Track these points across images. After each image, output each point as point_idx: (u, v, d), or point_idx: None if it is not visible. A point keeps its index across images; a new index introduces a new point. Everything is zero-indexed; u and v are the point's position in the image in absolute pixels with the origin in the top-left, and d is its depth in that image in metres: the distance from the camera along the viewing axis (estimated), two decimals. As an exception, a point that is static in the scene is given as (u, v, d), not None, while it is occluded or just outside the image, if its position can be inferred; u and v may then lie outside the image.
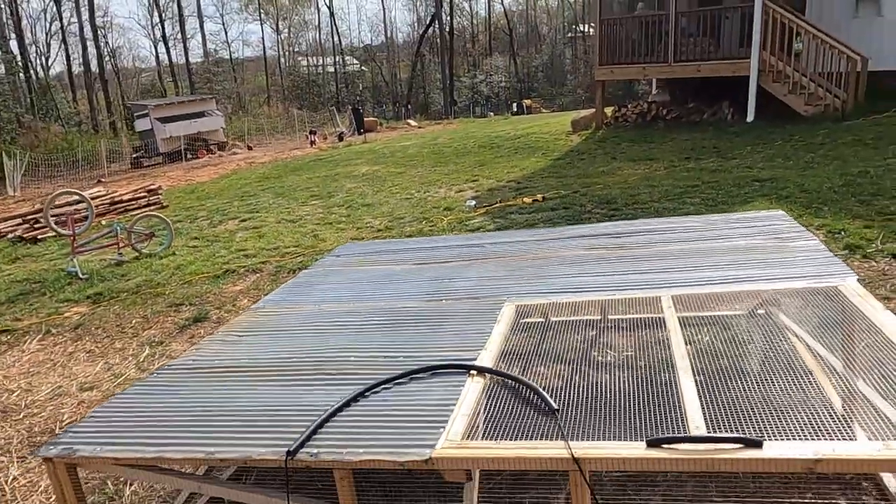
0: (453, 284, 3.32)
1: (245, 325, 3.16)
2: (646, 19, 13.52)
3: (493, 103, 46.79)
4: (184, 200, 13.24)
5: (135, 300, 6.40)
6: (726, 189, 7.52)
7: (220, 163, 21.91)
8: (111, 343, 5.38)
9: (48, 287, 7.19)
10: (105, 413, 2.44)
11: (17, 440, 3.85)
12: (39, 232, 10.37)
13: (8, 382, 4.81)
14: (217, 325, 5.32)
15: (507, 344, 2.66)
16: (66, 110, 41.94)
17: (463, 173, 11.70)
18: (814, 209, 6.25)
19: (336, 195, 11.16)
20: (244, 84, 53.96)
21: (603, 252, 3.59)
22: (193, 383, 2.54)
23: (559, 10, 57.80)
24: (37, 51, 46.21)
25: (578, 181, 9.35)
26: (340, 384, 2.35)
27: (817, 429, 1.78)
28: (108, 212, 11.86)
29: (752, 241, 3.38)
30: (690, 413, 1.95)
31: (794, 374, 2.29)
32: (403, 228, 8.04)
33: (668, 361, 2.44)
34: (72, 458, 2.13)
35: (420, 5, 58.39)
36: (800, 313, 2.75)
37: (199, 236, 9.12)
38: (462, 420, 2.00)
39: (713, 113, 12.98)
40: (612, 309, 3.23)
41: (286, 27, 57.80)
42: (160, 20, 50.26)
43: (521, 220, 7.52)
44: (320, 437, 2.00)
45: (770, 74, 11.69)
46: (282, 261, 7.14)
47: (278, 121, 35.56)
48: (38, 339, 5.70)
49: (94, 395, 4.37)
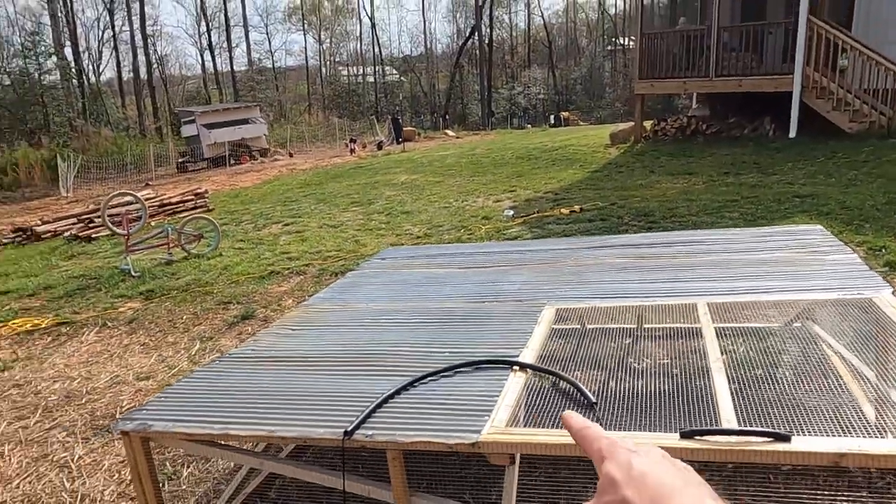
0: (495, 287, 3.47)
1: (297, 320, 3.35)
2: (687, 33, 13.53)
3: (531, 115, 46.89)
4: (228, 204, 13.66)
5: (185, 297, 6.69)
6: (766, 204, 7.52)
7: (262, 169, 22.46)
8: (164, 337, 5.66)
9: (103, 283, 7.55)
10: (173, 394, 2.65)
11: (81, 423, 4.11)
12: (93, 231, 10.84)
13: (69, 370, 5.10)
14: (264, 323, 5.56)
15: (545, 349, 2.79)
16: (116, 115, 43.41)
17: (500, 183, 11.85)
18: (854, 226, 6.23)
19: (376, 202, 11.41)
20: (286, 92, 55.09)
21: (640, 261, 3.70)
22: (253, 370, 2.74)
23: (599, 24, 57.72)
24: (89, 57, 47.95)
25: (616, 194, 9.42)
26: (390, 375, 2.52)
27: (846, 427, 1.88)
28: (157, 213, 12.32)
29: (788, 253, 3.46)
30: (723, 411, 2.06)
31: (826, 380, 2.38)
32: (442, 236, 8.22)
33: (704, 369, 2.54)
34: (147, 432, 2.34)
35: (460, 17, 58.95)
36: (833, 323, 2.83)
37: (245, 239, 9.44)
38: (506, 410, 2.15)
39: (754, 128, 12.90)
40: (648, 314, 3.34)
41: (328, 37, 58.92)
42: (207, 29, 51.75)
43: (558, 230, 7.63)
44: (374, 420, 2.17)
45: (814, 90, 11.60)
46: (324, 264, 7.37)
47: (319, 129, 36.22)
48: (96, 331, 6.01)
49: (150, 384, 4.62)
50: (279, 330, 3.26)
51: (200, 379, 2.77)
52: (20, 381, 4.94)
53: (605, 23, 57.04)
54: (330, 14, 59.15)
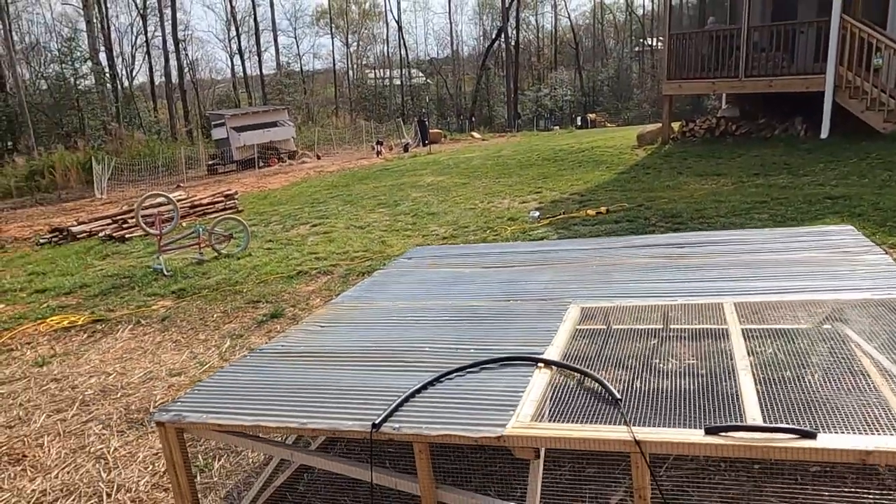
0: (521, 286, 3.50)
1: (327, 318, 3.42)
2: (716, 34, 13.39)
3: (557, 117, 46.72)
4: (257, 206, 13.86)
5: (215, 296, 6.83)
6: (796, 206, 7.42)
7: (290, 171, 22.72)
8: (195, 334, 5.78)
9: (136, 282, 7.73)
10: (206, 388, 2.72)
11: (116, 416, 4.23)
12: (127, 231, 11.09)
13: (104, 366, 5.25)
14: (292, 322, 5.65)
15: (570, 347, 2.81)
16: (148, 119, 44.29)
17: (526, 185, 11.85)
18: (888, 227, 6.13)
19: (402, 204, 11.49)
20: (313, 95, 55.64)
21: (666, 260, 3.69)
22: (283, 364, 2.80)
23: (627, 24, 57.30)
24: (123, 62, 49.06)
25: (643, 195, 9.36)
26: (417, 371, 2.56)
27: (873, 425, 1.87)
28: (188, 214, 12.55)
29: (817, 253, 3.43)
30: (749, 410, 2.06)
31: (855, 380, 2.36)
32: (468, 237, 8.25)
33: (730, 369, 2.54)
34: (181, 423, 2.41)
35: (486, 19, 59.06)
36: (864, 323, 2.80)
37: (273, 239, 9.58)
38: (531, 405, 2.18)
39: (785, 129, 12.71)
40: (673, 314, 3.34)
41: (355, 41, 59.44)
42: (237, 34, 52.56)
43: (584, 231, 7.61)
44: (401, 413, 2.21)
45: (847, 90, 11.41)
46: (351, 264, 7.46)
47: (346, 131, 36.52)
48: (129, 328, 6.16)
49: (182, 379, 4.73)
50: (308, 327, 3.33)
51: (232, 373, 2.84)
52: (58, 376, 5.09)
53: (632, 24, 56.61)
54: (357, 17, 59.67)
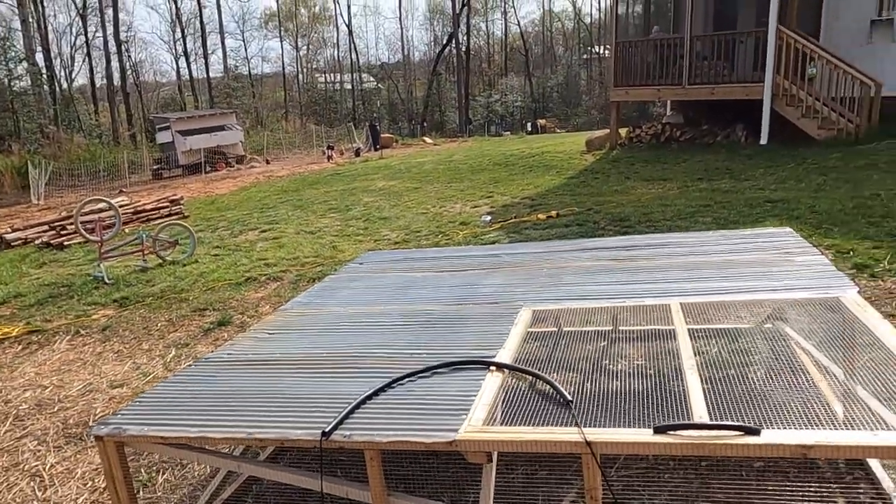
0: (473, 290, 3.50)
1: (275, 324, 3.34)
2: (661, 42, 13.75)
3: (508, 122, 47.16)
4: (204, 211, 13.53)
5: (160, 304, 6.62)
6: (738, 209, 7.66)
7: (238, 176, 22.29)
8: (138, 344, 5.59)
9: (76, 291, 7.43)
10: (149, 399, 2.62)
11: (53, 431, 4.04)
12: (65, 238, 10.67)
13: (40, 379, 5.02)
14: (240, 329, 5.52)
15: (522, 350, 2.82)
16: (88, 122, 42.77)
17: (478, 190, 11.91)
18: (824, 230, 6.38)
19: (353, 209, 11.39)
20: (262, 99, 54.75)
21: (615, 263, 3.75)
22: (231, 373, 2.73)
23: (575, 32, 58.35)
24: (61, 63, 47.30)
25: (592, 199, 9.52)
26: (369, 377, 2.52)
27: (813, 421, 1.93)
28: (131, 220, 12.16)
29: (759, 255, 3.53)
30: (696, 408, 2.10)
31: (795, 377, 2.44)
32: (420, 242, 8.23)
33: (677, 368, 2.58)
34: (121, 436, 2.31)
35: (437, 25, 59.21)
36: (802, 322, 2.90)
37: (221, 245, 9.36)
38: (483, 408, 2.17)
39: (726, 135, 13.13)
40: (622, 316, 3.39)
41: (305, 44, 58.77)
42: (182, 36, 51.27)
43: (535, 235, 7.69)
44: (352, 421, 2.17)
45: (784, 98, 11.86)
46: (302, 270, 7.34)
47: (296, 136, 36.05)
48: (68, 339, 5.92)
49: (125, 391, 4.56)
50: (256, 334, 3.25)
51: (176, 383, 2.75)
52: (-10, 391, 4.85)
53: (580, 32, 57.69)
54: (307, 21, 59.04)
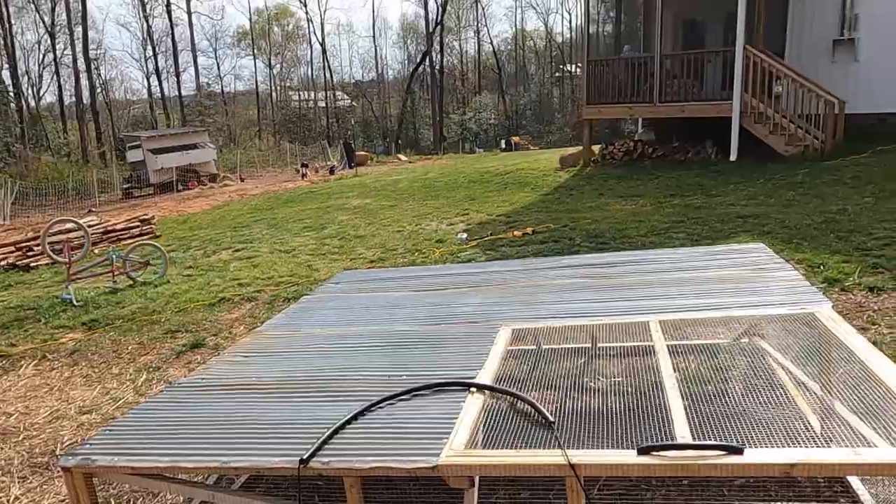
0: (451, 310, 3.47)
1: (250, 347, 3.28)
2: (632, 61, 13.98)
3: (482, 140, 47.48)
4: (176, 231, 13.34)
5: (130, 327, 6.47)
6: (710, 224, 7.77)
7: (211, 194, 22.06)
8: (108, 368, 5.44)
9: (43, 314, 7.24)
10: (119, 427, 2.54)
11: (18, 461, 3.90)
12: (32, 259, 10.42)
13: (5, 406, 4.85)
14: (214, 352, 5.41)
15: (502, 370, 2.79)
16: (57, 140, 42.10)
17: (453, 207, 11.92)
18: (794, 244, 6.49)
19: (328, 227, 11.31)
20: (235, 117, 54.46)
21: (592, 280, 3.75)
22: (204, 399, 2.65)
23: (547, 51, 59.16)
24: (29, 81, 46.60)
25: (567, 216, 9.58)
26: (347, 400, 2.47)
27: (794, 438, 1.93)
28: (101, 241, 11.92)
29: (734, 271, 3.56)
30: (678, 427, 2.09)
31: (774, 393, 2.45)
32: (396, 260, 8.19)
33: (658, 386, 2.58)
34: (90, 467, 2.23)
35: (411, 43, 59.63)
36: (778, 337, 2.92)
37: (194, 265, 9.22)
38: (464, 432, 2.13)
39: (697, 152, 13.35)
40: (601, 333, 3.38)
41: (278, 62, 58.69)
42: (153, 53, 50.95)
43: (511, 252, 7.69)
44: (331, 447, 2.12)
45: (752, 115, 12.11)
46: (276, 290, 7.24)
47: (269, 154, 35.88)
48: (34, 364, 5.75)
49: (94, 417, 4.42)
50: (231, 357, 3.18)
51: (148, 410, 2.66)
52: (-49, 419, 4.67)
53: (552, 50, 58.51)
54: (280, 39, 59.01)
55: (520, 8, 71.50)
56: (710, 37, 14.51)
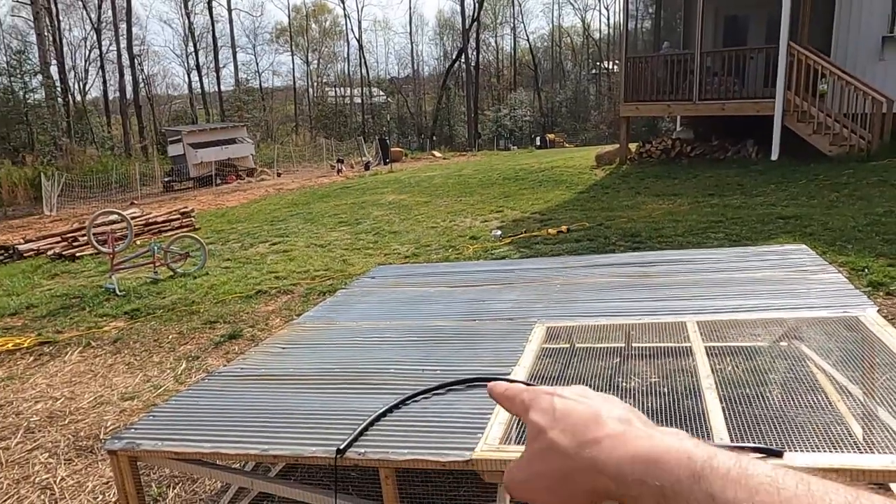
0: (486, 306, 3.48)
1: (288, 339, 3.33)
2: (671, 58, 13.78)
3: (517, 137, 47.27)
4: (215, 224, 13.60)
5: (171, 317, 6.63)
6: (750, 225, 7.62)
7: (248, 188, 22.41)
8: (149, 356, 5.59)
9: (87, 302, 7.46)
10: (161, 413, 2.62)
11: (64, 444, 4.04)
12: (78, 249, 10.73)
13: (52, 390, 5.02)
14: (251, 343, 5.52)
15: (536, 367, 2.79)
16: (101, 134, 43.23)
17: (488, 204, 11.91)
18: (838, 247, 6.33)
19: (363, 222, 11.41)
20: (273, 112, 55.19)
21: (628, 280, 3.73)
22: (243, 388, 2.72)
23: (584, 48, 58.59)
24: (75, 76, 47.90)
25: (603, 214, 9.50)
26: (382, 393, 2.50)
27: (834, 443, 1.89)
28: (142, 232, 12.23)
29: (775, 272, 3.50)
30: (715, 427, 2.07)
31: (814, 397, 2.40)
32: (430, 256, 8.22)
33: (695, 387, 2.55)
34: (135, 451, 2.30)
35: (447, 40, 59.64)
36: (819, 341, 2.86)
37: (232, 258, 9.39)
38: (499, 427, 2.14)
39: (737, 151, 13.10)
40: (637, 333, 3.36)
41: (315, 59, 59.27)
42: (195, 50, 51.86)
43: (545, 250, 7.66)
44: (366, 438, 2.15)
45: (795, 114, 11.83)
46: (312, 283, 7.34)
47: (305, 149, 36.27)
48: (79, 351, 5.93)
49: (135, 404, 4.55)
50: (269, 348, 3.24)
51: (189, 398, 2.74)
52: (0, 402, 4.85)
53: (589, 47, 57.91)
54: (318, 36, 59.60)
55: (557, 4, 70.81)
56: (752, 33, 14.21)
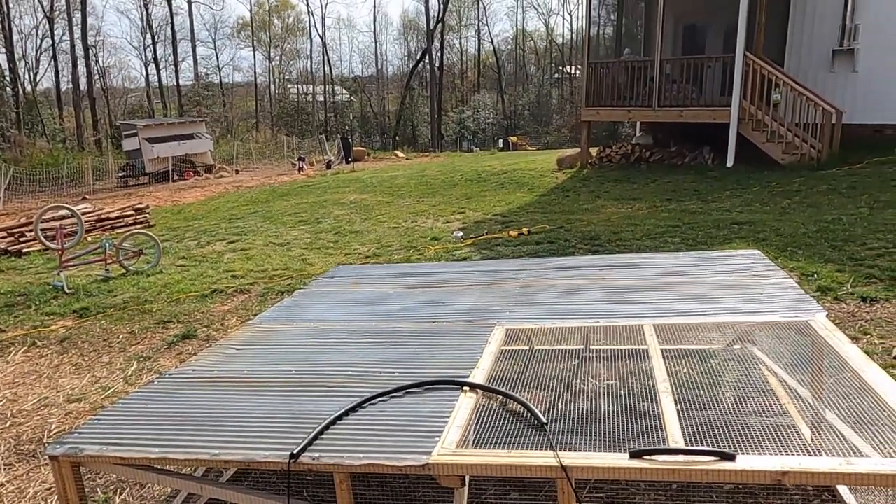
0: (445, 308, 3.46)
1: (243, 340, 3.26)
2: (632, 64, 13.99)
3: (480, 139, 47.47)
4: (171, 220, 13.28)
5: (122, 316, 6.44)
6: (706, 230, 7.78)
7: (206, 185, 21.97)
8: (98, 357, 5.41)
9: (33, 300, 7.19)
10: (108, 416, 2.52)
11: (4, 448, 3.87)
12: (24, 245, 10.35)
13: (-7, 392, 4.82)
14: (205, 343, 5.39)
15: (495, 370, 2.78)
16: (52, 126, 41.86)
17: (450, 205, 11.90)
18: (789, 252, 6.50)
19: (324, 221, 11.28)
20: (233, 109, 54.27)
21: (587, 282, 3.75)
22: (195, 391, 2.64)
23: (547, 52, 59.17)
24: (26, 66, 46.24)
25: (563, 217, 9.58)
26: (339, 396, 2.46)
27: (785, 446, 1.93)
28: (94, 228, 11.86)
29: (729, 277, 3.57)
30: (671, 431, 2.09)
31: (765, 401, 2.45)
32: (391, 256, 8.17)
33: (651, 390, 2.58)
34: (78, 456, 2.21)
35: (411, 40, 59.51)
36: (771, 344, 2.92)
37: (187, 256, 9.18)
38: (456, 431, 2.12)
39: (694, 157, 13.38)
40: (595, 336, 3.38)
41: (278, 55, 58.49)
42: (153, 42, 50.68)
43: (506, 252, 7.69)
44: (321, 442, 2.11)
45: (749, 122, 12.13)
46: (270, 283, 7.22)
47: (266, 146, 35.75)
48: (23, 350, 5.71)
49: (82, 406, 4.40)
50: (223, 349, 3.16)
51: (137, 400, 2.65)
52: (-62, 404, 4.63)
53: (552, 51, 58.51)
54: (280, 32, 58.82)
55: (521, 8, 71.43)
56: (710, 42, 14.53)
